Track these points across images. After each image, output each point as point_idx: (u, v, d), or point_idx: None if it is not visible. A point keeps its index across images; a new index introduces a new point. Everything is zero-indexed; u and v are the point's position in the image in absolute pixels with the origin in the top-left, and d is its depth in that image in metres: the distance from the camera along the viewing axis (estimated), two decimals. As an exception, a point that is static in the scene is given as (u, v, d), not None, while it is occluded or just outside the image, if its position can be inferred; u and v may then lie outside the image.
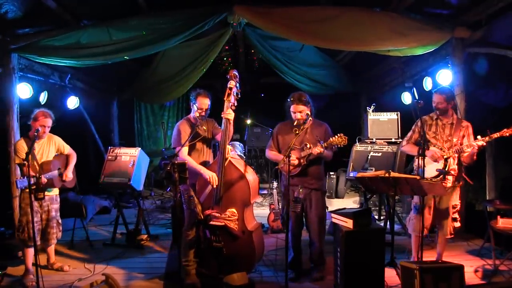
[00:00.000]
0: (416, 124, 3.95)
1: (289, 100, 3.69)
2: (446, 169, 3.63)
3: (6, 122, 4.77)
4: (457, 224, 3.83)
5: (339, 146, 3.45)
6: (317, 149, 3.49)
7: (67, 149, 4.17)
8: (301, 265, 3.91)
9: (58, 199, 4.10)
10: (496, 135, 3.40)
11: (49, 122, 3.86)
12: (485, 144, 3.48)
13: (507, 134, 3.36)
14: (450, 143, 3.72)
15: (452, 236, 3.83)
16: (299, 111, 3.63)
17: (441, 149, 3.70)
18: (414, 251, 3.90)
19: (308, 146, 3.58)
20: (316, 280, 3.74)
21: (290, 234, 3.73)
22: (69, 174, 4.07)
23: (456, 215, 3.81)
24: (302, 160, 3.61)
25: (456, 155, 3.65)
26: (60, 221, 4.10)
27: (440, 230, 3.85)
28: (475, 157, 3.59)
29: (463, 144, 3.65)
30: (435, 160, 3.65)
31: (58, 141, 4.10)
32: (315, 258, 3.81)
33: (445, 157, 3.64)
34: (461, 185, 3.82)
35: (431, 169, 3.66)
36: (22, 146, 3.76)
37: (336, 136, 3.45)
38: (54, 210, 4.02)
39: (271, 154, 3.87)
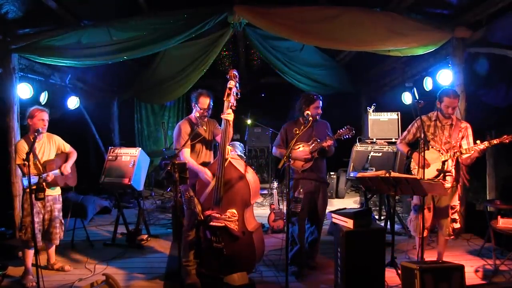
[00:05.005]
0: (412, 125, 3.91)
1: (315, 97, 3.83)
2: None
3: (7, 122, 4.78)
4: (457, 225, 3.79)
5: (348, 136, 3.72)
6: (328, 142, 3.70)
7: (67, 147, 4.15)
8: (303, 257, 3.95)
9: (61, 199, 4.09)
10: (496, 141, 3.38)
11: (46, 115, 3.85)
12: (485, 148, 3.46)
13: (507, 141, 3.33)
14: (449, 145, 3.68)
15: (452, 237, 3.82)
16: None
17: (439, 150, 3.68)
18: (420, 252, 3.85)
19: (318, 140, 3.76)
20: (313, 268, 3.99)
21: (297, 228, 3.85)
22: (68, 169, 4.00)
23: (456, 216, 3.77)
24: (314, 154, 3.79)
25: (454, 157, 3.63)
26: (63, 221, 4.09)
27: (440, 231, 3.84)
28: (474, 158, 3.59)
29: (462, 145, 3.64)
30: None
31: (58, 140, 4.08)
32: (313, 246, 3.97)
33: (442, 159, 3.62)
34: (460, 185, 3.80)
35: (430, 170, 3.64)
36: (23, 147, 3.74)
37: (344, 128, 3.72)
38: (57, 210, 4.01)
39: (280, 151, 3.94)
